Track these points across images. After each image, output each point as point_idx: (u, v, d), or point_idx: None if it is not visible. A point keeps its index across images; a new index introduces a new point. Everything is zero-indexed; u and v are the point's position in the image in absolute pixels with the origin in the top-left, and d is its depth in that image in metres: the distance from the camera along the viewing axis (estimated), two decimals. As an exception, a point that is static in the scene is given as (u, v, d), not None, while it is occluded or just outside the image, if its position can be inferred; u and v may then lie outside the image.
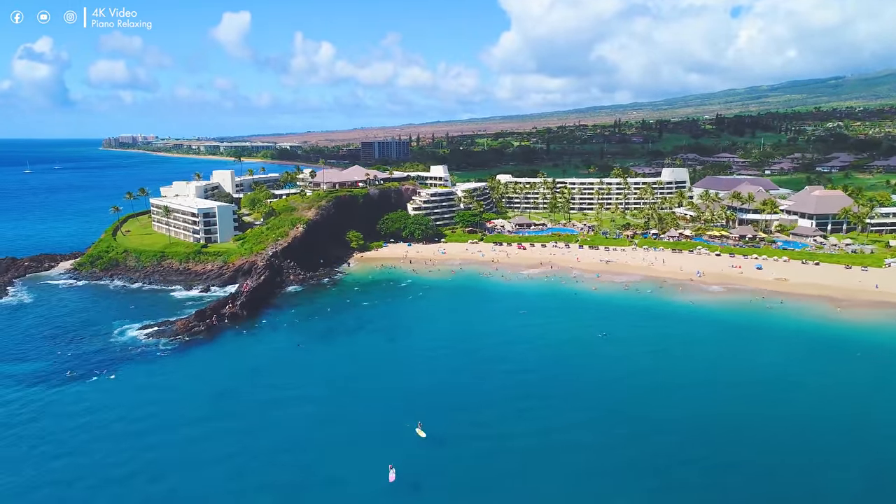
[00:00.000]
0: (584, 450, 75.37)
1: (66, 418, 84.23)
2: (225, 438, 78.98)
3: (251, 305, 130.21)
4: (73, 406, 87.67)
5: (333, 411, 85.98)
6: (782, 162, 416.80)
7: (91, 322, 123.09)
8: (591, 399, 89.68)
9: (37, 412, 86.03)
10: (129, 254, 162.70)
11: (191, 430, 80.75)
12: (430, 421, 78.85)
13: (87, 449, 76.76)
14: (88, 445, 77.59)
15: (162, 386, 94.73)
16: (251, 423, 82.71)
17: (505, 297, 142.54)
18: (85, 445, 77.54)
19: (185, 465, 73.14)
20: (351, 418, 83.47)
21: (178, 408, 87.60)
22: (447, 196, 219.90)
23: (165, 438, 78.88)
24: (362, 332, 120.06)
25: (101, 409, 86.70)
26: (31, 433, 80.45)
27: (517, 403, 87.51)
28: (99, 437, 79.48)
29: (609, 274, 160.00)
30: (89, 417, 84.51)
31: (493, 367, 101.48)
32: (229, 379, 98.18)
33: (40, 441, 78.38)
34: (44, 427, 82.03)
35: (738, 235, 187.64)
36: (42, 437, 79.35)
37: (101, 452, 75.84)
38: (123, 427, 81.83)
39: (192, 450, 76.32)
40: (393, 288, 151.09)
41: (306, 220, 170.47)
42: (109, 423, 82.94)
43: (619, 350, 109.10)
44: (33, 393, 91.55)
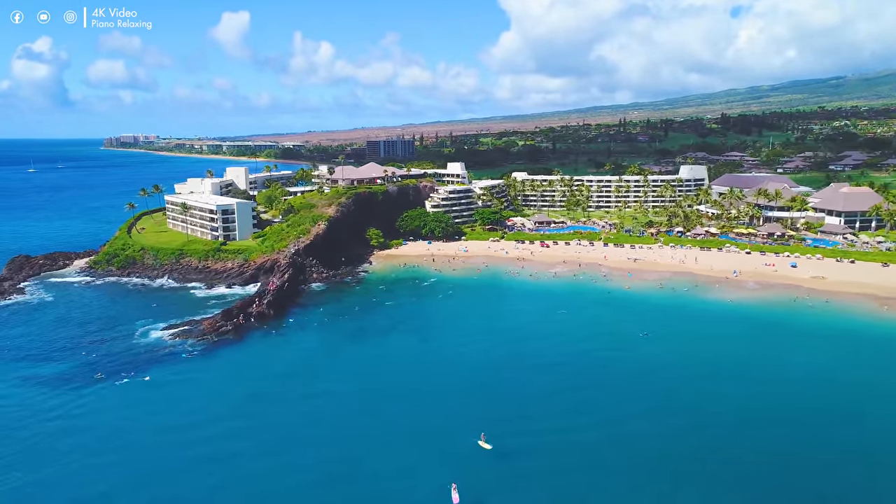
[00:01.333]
0: (646, 440, 73.23)
1: (103, 419, 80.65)
2: (269, 444, 74.77)
3: (277, 304, 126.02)
4: (109, 407, 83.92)
5: (380, 418, 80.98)
6: (794, 160, 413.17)
7: (113, 321, 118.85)
8: (644, 395, 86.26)
9: (72, 414, 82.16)
10: (147, 251, 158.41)
11: (234, 440, 76.49)
12: (487, 428, 74.08)
13: (134, 451, 73.16)
14: (133, 448, 73.99)
15: (195, 388, 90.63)
16: (294, 431, 78.51)
17: (537, 295, 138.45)
18: (130, 448, 73.88)
19: (230, 467, 69.15)
20: (401, 427, 78.31)
21: (216, 410, 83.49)
22: (465, 193, 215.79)
23: (205, 441, 74.99)
24: (394, 332, 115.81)
25: (137, 411, 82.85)
26: (71, 435, 76.62)
27: (572, 405, 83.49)
28: (140, 439, 75.69)
29: (639, 272, 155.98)
30: (128, 419, 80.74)
31: (538, 367, 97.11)
32: (264, 380, 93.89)
33: (84, 444, 74.69)
34: (83, 429, 78.23)
35: (766, 233, 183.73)
36: (83, 440, 75.50)
37: (147, 454, 72.57)
38: (163, 428, 78.17)
39: (238, 454, 72.29)
40: (419, 286, 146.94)
41: (328, 217, 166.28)
42: (148, 425, 79.22)
43: (663, 348, 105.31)
44: (64, 394, 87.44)
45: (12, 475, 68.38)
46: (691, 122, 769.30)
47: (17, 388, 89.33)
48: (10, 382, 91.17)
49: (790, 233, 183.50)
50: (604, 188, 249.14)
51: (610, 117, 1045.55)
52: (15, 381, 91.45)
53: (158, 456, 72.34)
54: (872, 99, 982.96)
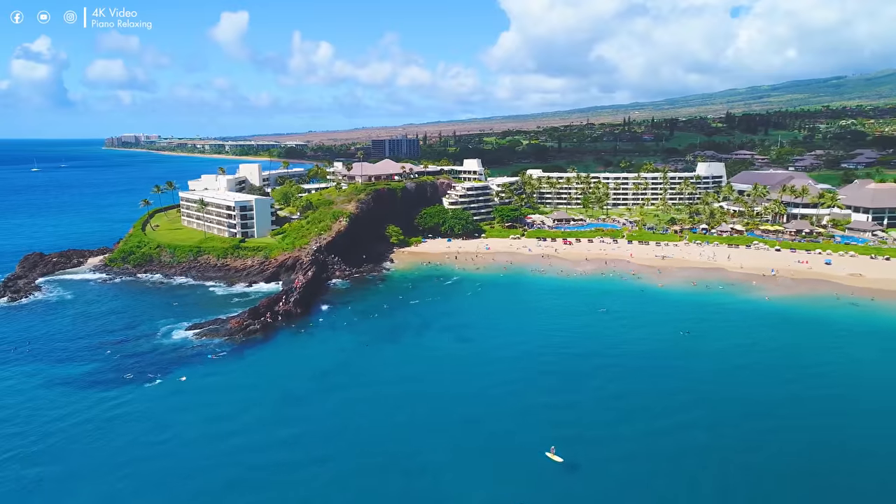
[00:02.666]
0: (727, 451, 68.04)
1: (142, 421, 77.06)
2: (316, 450, 70.84)
3: (303, 302, 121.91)
4: (146, 409, 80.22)
5: (432, 425, 76.31)
6: (806, 158, 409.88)
7: (134, 321, 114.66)
8: (707, 399, 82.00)
9: (108, 416, 78.29)
10: (164, 249, 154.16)
11: (279, 447, 72.39)
12: (551, 436, 69.71)
13: (180, 456, 69.50)
14: (178, 453, 70.37)
15: (230, 389, 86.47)
16: (338, 435, 74.51)
17: (569, 293, 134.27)
18: (175, 454, 70.18)
19: (278, 474, 65.09)
20: (455, 435, 73.34)
21: (256, 413, 79.40)
22: (483, 191, 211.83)
23: (250, 446, 71.05)
24: (428, 331, 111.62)
25: (175, 413, 79.18)
26: (111, 438, 72.93)
27: (634, 410, 79.03)
28: (184, 444, 72.02)
29: (669, 269, 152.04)
30: (166, 422, 76.95)
31: (590, 368, 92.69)
32: (300, 381, 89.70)
33: (127, 447, 71.00)
34: (123, 432, 74.48)
35: (794, 230, 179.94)
36: (125, 444, 71.76)
37: (194, 459, 69.11)
38: (205, 431, 74.62)
39: (286, 463, 68.23)
40: (445, 284, 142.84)
41: (349, 213, 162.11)
42: (189, 428, 75.76)
43: (708, 346, 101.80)
44: (95, 395, 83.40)
45: (47, 473, 65.03)
46: (696, 121, 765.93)
47: (46, 390, 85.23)
48: (36, 383, 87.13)
49: (819, 230, 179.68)
50: (621, 185, 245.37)
51: (611, 117, 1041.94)
52: (42, 382, 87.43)
53: (206, 460, 68.70)
54: (874, 98, 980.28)
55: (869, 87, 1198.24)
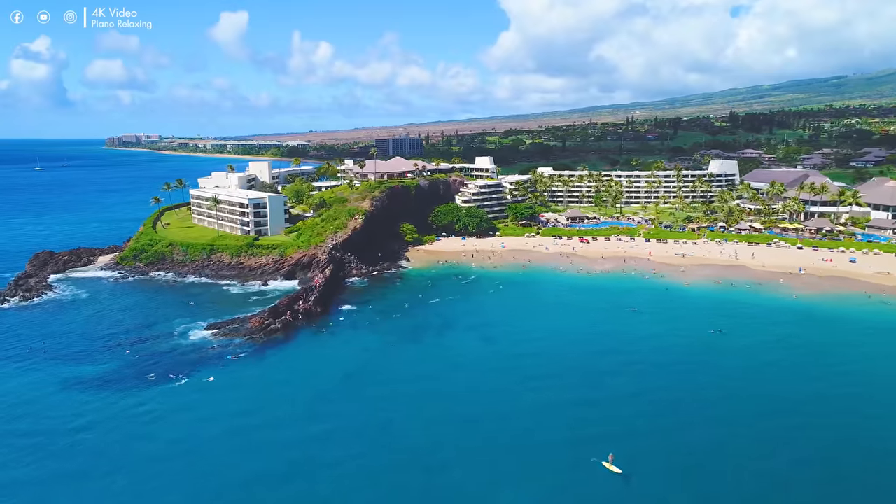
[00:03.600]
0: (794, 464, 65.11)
1: (173, 424, 74.66)
2: (350, 451, 68.13)
3: (323, 301, 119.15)
4: (174, 411, 77.69)
5: (471, 429, 73.14)
6: (813, 157, 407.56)
7: (150, 320, 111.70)
8: (759, 401, 79.31)
9: (135, 416, 76.00)
10: (176, 247, 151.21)
11: (313, 447, 70.13)
12: (600, 442, 66.80)
13: (215, 459, 66.82)
14: (213, 456, 67.78)
15: (256, 390, 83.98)
16: (373, 438, 71.76)
17: (593, 291, 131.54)
18: (210, 457, 67.53)
19: (316, 475, 62.54)
20: (500, 441, 69.89)
21: (285, 414, 76.83)
22: (496, 188, 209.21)
23: (286, 446, 68.56)
24: (452, 330, 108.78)
25: (205, 414, 76.48)
26: (143, 442, 70.22)
27: (685, 414, 76.16)
28: (216, 446, 69.17)
29: (690, 268, 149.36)
30: (196, 425, 74.35)
31: (631, 370, 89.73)
32: (328, 382, 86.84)
33: (160, 452, 68.39)
34: (156, 435, 71.90)
35: (814, 228, 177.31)
36: (158, 447, 69.16)
37: (229, 460, 66.68)
38: (236, 432, 72.08)
39: (323, 465, 65.73)
40: (464, 283, 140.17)
41: (364, 211, 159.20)
42: (220, 429, 73.14)
43: (741, 344, 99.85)
44: (117, 395, 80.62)
45: (87, 486, 62.28)
46: (699, 120, 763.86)
47: (66, 391, 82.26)
48: (55, 385, 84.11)
49: (839, 228, 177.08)
50: (633, 184, 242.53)
51: (611, 117, 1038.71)
52: (61, 383, 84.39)
53: (243, 461, 66.28)
54: (875, 98, 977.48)
55: (870, 87, 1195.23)
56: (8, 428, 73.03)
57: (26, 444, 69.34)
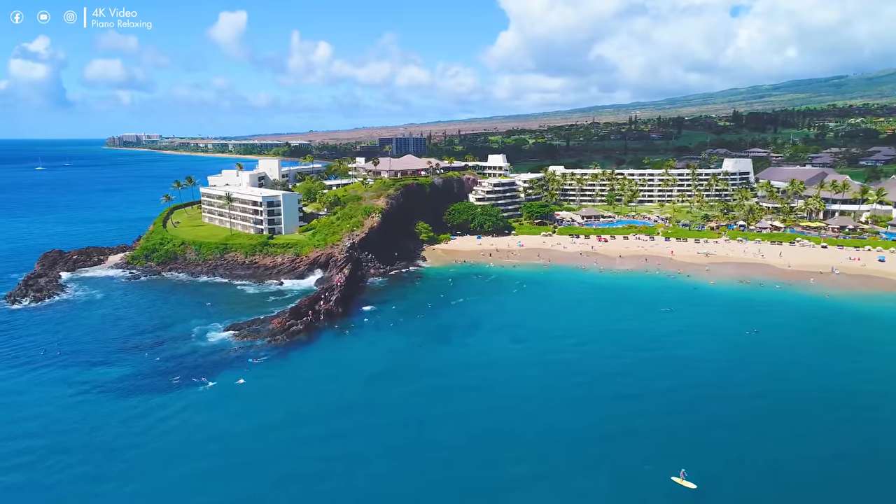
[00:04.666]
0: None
1: (208, 429, 71.58)
2: (393, 460, 64.57)
3: (343, 301, 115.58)
4: (206, 414, 74.58)
5: (517, 437, 69.69)
6: (822, 155, 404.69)
7: (167, 321, 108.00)
8: (814, 402, 76.34)
9: (167, 422, 72.52)
10: (188, 246, 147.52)
11: (350, 455, 66.60)
12: (661, 454, 63.40)
13: (257, 466, 63.11)
14: (252, 453, 65.00)
15: (287, 392, 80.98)
16: (412, 445, 68.37)
17: (619, 291, 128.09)
18: (249, 453, 64.66)
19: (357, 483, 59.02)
20: (548, 450, 66.39)
21: (319, 414, 73.92)
22: (510, 186, 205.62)
23: (318, 446, 65.03)
24: (479, 331, 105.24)
25: (239, 419, 73.26)
26: (180, 447, 67.15)
27: (748, 420, 72.55)
28: (257, 452, 65.57)
29: (716, 267, 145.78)
30: (232, 429, 71.16)
31: (679, 372, 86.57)
32: (355, 384, 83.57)
33: (200, 458, 65.24)
34: (191, 440, 68.90)
35: (837, 226, 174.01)
36: (196, 453, 66.14)
37: (270, 465, 63.41)
38: (273, 437, 69.12)
39: (362, 476, 62.23)
40: (485, 282, 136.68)
41: (381, 209, 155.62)
42: (256, 433, 70.19)
43: (781, 345, 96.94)
44: (142, 399, 77.21)
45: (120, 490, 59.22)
46: (702, 119, 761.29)
47: (84, 397, 78.67)
48: (74, 390, 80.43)
49: (863, 226, 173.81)
50: (647, 182, 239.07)
51: (612, 117, 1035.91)
52: (79, 388, 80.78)
53: (285, 466, 63.69)
54: (876, 98, 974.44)
55: (870, 87, 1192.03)
56: (25, 442, 68.86)
57: (46, 453, 65.81)
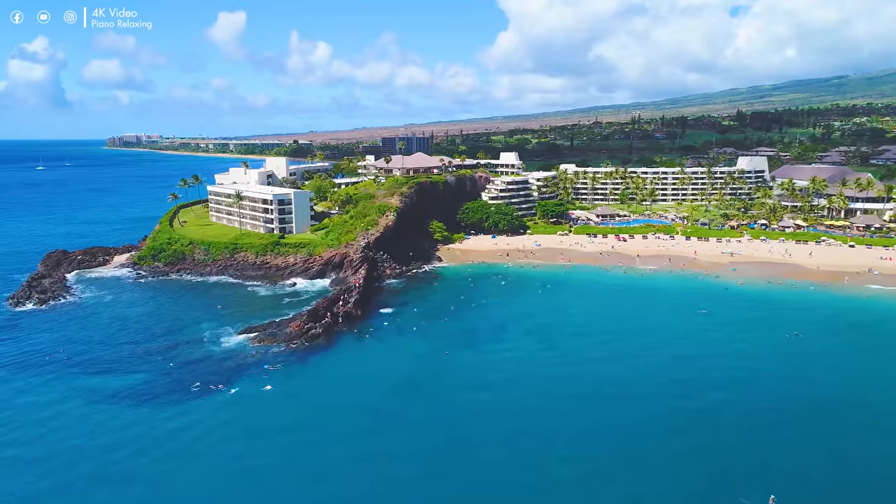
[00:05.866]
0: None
1: (246, 438, 66.87)
2: (434, 463, 59.68)
3: (361, 303, 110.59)
4: (242, 423, 70.02)
5: (564, 449, 64.81)
6: (831, 154, 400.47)
7: (178, 324, 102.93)
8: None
9: (193, 433, 67.56)
10: (197, 246, 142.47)
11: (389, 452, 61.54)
12: (740, 477, 58.72)
13: (289, 475, 57.86)
14: (287, 463, 59.35)
15: (312, 401, 76.11)
16: (453, 450, 63.37)
17: (648, 292, 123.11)
18: (284, 463, 58.92)
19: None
20: (603, 465, 61.63)
21: (349, 424, 69.01)
22: (523, 185, 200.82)
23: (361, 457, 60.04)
24: (507, 335, 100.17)
25: (268, 427, 68.34)
26: (207, 461, 61.54)
27: (821, 436, 67.08)
28: (292, 455, 60.59)
29: (743, 267, 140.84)
30: (270, 434, 66.30)
31: (718, 376, 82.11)
32: (384, 391, 78.60)
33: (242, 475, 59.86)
34: (224, 453, 63.77)
35: (863, 225, 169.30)
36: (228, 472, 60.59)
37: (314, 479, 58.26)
38: (307, 449, 63.55)
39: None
40: (506, 283, 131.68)
41: (395, 207, 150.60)
42: (291, 439, 65.86)
43: (824, 347, 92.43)
44: (161, 411, 72.09)
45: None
46: (706, 119, 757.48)
47: (96, 406, 73.51)
48: (82, 398, 75.34)
49: (890, 225, 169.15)
50: (660, 180, 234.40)
51: (613, 116, 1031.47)
52: (88, 396, 75.68)
53: (317, 478, 59.74)
54: (876, 98, 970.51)
55: (871, 87, 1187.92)
56: (31, 452, 64.02)
57: (51, 471, 60.66)
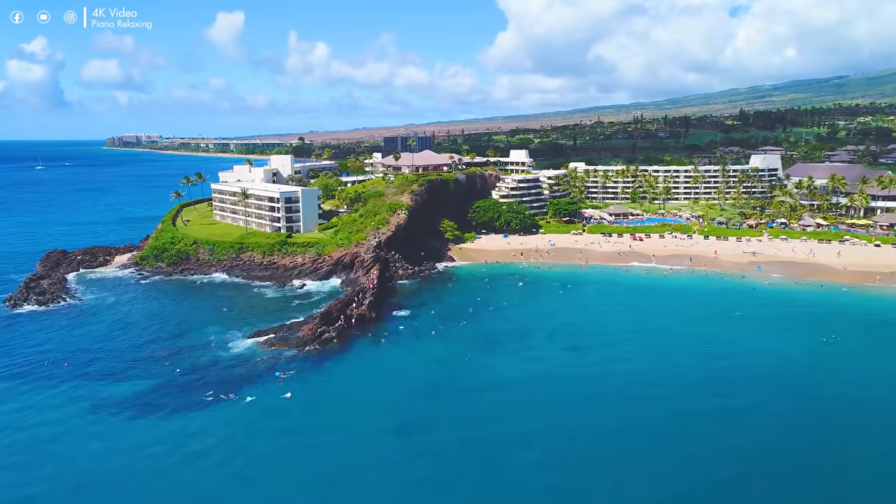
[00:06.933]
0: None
1: (261, 453, 60.77)
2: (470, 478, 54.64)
3: (376, 305, 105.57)
4: (258, 437, 64.45)
5: (606, 463, 60.67)
6: (839, 153, 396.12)
7: (184, 328, 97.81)
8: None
9: (216, 449, 62.09)
10: (201, 245, 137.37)
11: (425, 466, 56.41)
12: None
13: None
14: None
15: (333, 410, 71.33)
16: (489, 466, 58.34)
17: (672, 293, 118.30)
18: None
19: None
20: (651, 484, 57.30)
21: (377, 434, 63.98)
22: (535, 183, 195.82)
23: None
24: (531, 339, 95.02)
25: (290, 440, 62.97)
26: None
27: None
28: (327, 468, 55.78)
29: (767, 266, 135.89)
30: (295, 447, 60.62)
31: (763, 382, 77.71)
32: (409, 399, 73.93)
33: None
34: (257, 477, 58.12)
35: (887, 223, 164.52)
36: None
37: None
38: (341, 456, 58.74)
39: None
40: (523, 284, 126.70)
41: (407, 206, 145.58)
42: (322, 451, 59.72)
43: (869, 351, 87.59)
44: (170, 421, 67.08)
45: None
46: (709, 118, 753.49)
47: (100, 416, 68.51)
48: (85, 407, 70.26)
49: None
50: (672, 179, 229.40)
51: (613, 116, 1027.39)
52: (91, 406, 70.61)
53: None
54: (877, 98, 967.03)
55: (871, 87, 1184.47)
56: (23, 475, 58.92)
57: (49, 491, 55.59)
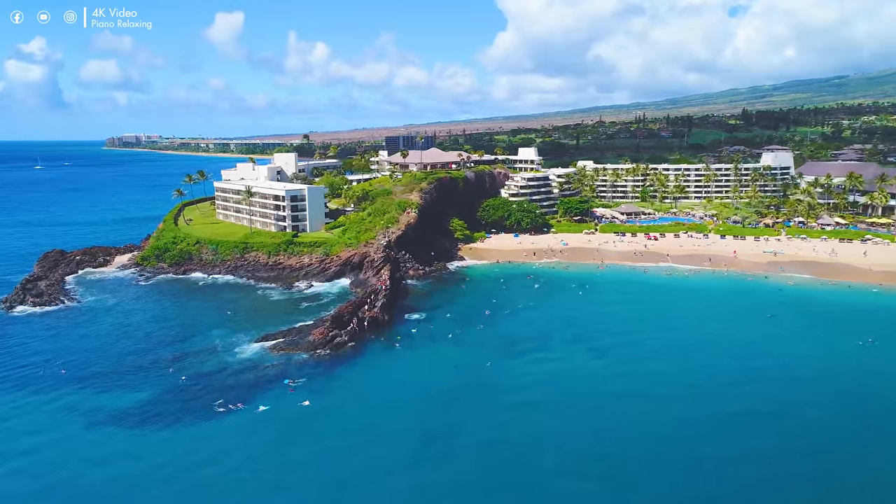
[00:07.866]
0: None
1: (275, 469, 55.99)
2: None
3: (387, 307, 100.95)
4: (271, 451, 59.50)
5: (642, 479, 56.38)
6: (846, 152, 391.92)
7: (187, 331, 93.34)
8: None
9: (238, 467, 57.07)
10: (204, 245, 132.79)
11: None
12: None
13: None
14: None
15: (351, 418, 66.47)
16: (522, 473, 53.82)
17: (696, 294, 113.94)
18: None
19: None
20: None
21: (403, 446, 59.24)
22: (544, 181, 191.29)
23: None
24: (551, 342, 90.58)
25: (310, 454, 58.05)
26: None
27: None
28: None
29: (789, 267, 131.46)
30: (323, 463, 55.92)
31: (807, 387, 73.42)
32: (430, 407, 69.60)
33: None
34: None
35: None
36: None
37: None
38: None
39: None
40: (539, 285, 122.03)
41: (416, 204, 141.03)
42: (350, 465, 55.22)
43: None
44: (175, 434, 62.37)
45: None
46: (711, 118, 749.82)
47: (99, 428, 63.85)
48: (83, 418, 65.66)
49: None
50: (683, 177, 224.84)
51: (613, 116, 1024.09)
52: (89, 417, 66.04)
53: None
54: (878, 97, 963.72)
55: (872, 87, 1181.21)
56: (15, 489, 54.35)
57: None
